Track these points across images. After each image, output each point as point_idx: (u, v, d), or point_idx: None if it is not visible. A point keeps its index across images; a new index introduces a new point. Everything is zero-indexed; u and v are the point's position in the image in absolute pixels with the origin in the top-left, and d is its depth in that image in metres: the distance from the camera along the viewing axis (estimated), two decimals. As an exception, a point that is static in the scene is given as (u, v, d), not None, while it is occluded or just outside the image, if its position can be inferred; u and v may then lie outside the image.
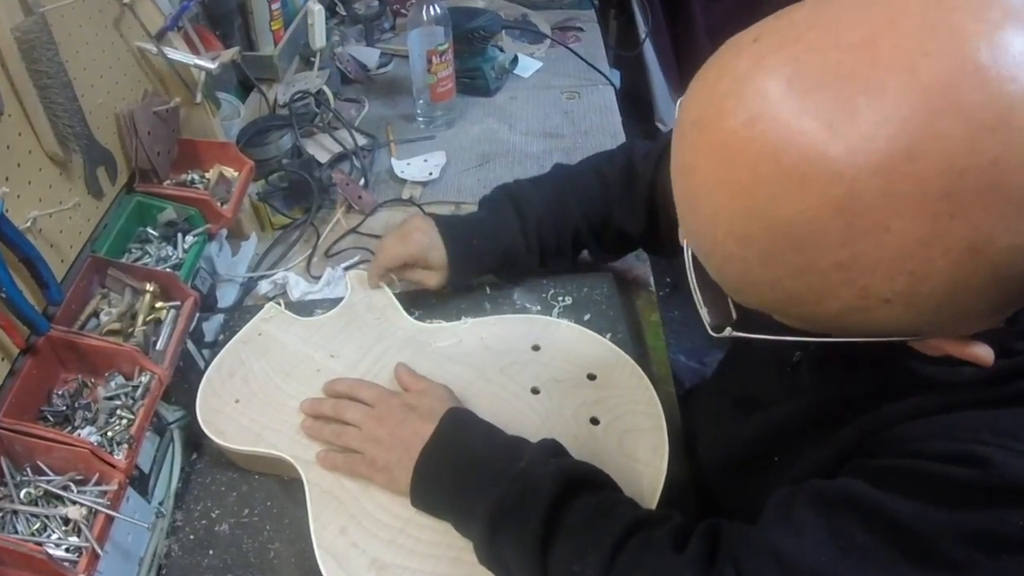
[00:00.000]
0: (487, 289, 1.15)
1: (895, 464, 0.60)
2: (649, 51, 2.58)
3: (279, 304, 1.09)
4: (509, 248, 1.08)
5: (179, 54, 1.10)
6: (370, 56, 1.83)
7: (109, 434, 0.84)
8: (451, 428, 0.84)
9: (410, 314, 1.08)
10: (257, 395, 0.97)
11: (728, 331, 0.60)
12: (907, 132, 0.42)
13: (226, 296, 1.20)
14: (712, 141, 0.49)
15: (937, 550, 0.55)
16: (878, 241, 0.45)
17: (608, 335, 1.04)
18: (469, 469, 0.81)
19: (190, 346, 1.04)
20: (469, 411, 0.88)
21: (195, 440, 0.99)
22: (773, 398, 0.82)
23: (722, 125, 0.48)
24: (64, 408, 0.86)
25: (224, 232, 1.19)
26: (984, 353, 0.54)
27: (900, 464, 0.60)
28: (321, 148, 1.45)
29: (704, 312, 0.61)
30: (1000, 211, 0.42)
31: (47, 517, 0.77)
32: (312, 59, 1.59)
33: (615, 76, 1.81)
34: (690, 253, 0.59)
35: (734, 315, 0.61)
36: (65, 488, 0.79)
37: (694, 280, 0.60)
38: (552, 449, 0.82)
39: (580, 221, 1.09)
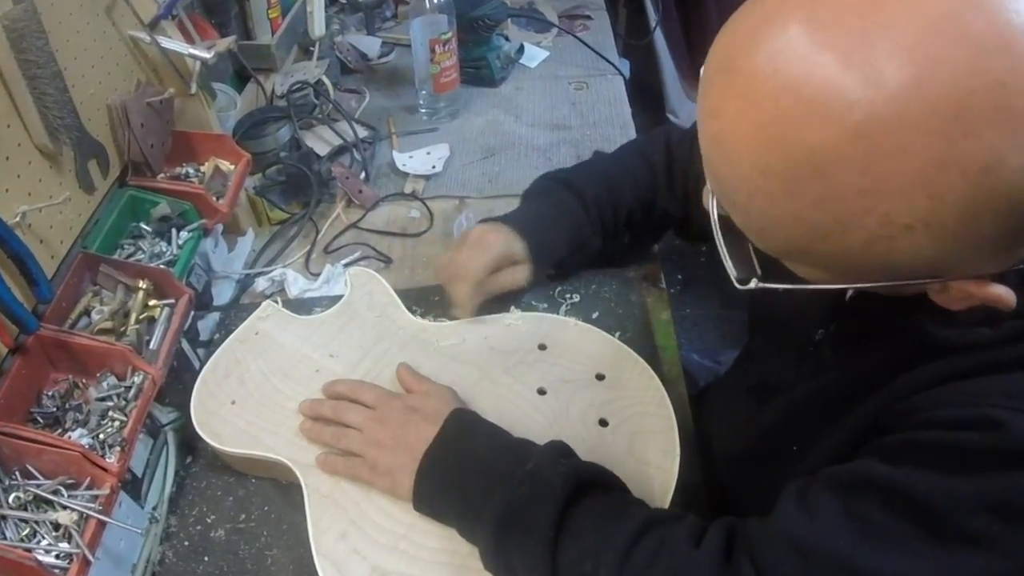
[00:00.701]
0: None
1: (908, 437, 0.62)
2: (660, 40, 2.57)
3: (276, 302, 1.09)
4: (575, 230, 1.07)
5: (173, 43, 1.09)
6: (371, 45, 1.83)
7: (101, 436, 0.84)
8: (455, 430, 0.84)
9: (412, 312, 1.08)
10: (254, 396, 0.96)
11: (754, 283, 0.63)
12: (916, 59, 0.46)
13: (222, 294, 1.20)
14: (737, 80, 0.53)
15: (954, 523, 0.57)
16: (897, 165, 0.48)
17: (617, 334, 1.04)
18: (474, 472, 0.80)
19: (185, 345, 1.04)
20: (474, 412, 0.88)
21: (190, 443, 0.98)
22: (792, 381, 0.83)
23: (746, 64, 0.52)
24: (54, 410, 0.86)
25: (220, 227, 1.19)
26: (1006, 294, 0.56)
27: (913, 436, 0.62)
28: (320, 140, 1.45)
29: (729, 264, 0.63)
30: (1011, 130, 0.46)
31: (37, 522, 0.77)
32: (311, 48, 1.58)
33: (624, 66, 1.80)
34: (715, 207, 0.62)
35: (758, 270, 0.63)
36: (55, 492, 0.78)
37: (719, 234, 0.63)
38: (560, 450, 0.82)
39: (633, 202, 1.09)
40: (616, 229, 1.10)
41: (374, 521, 0.84)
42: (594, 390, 0.96)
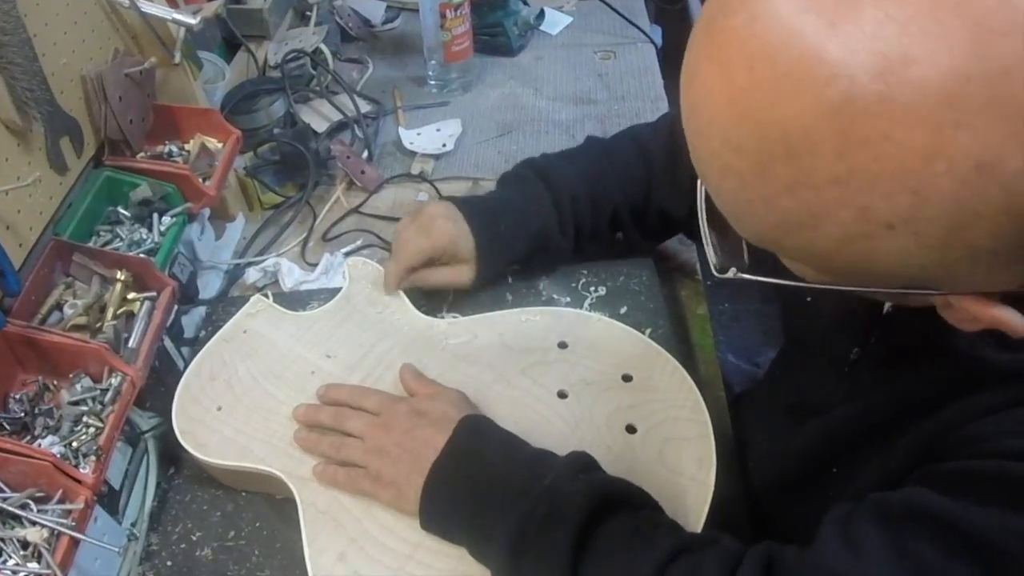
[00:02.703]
0: (508, 278, 1.13)
1: (967, 467, 0.61)
2: (695, 4, 2.56)
3: (267, 296, 1.08)
4: (541, 231, 1.06)
5: (155, 7, 1.09)
6: (375, 10, 1.82)
7: (74, 444, 0.84)
8: (466, 438, 0.83)
9: (417, 307, 1.07)
10: (242, 402, 0.96)
11: (732, 272, 0.62)
12: (910, 33, 0.44)
13: (209, 286, 1.20)
14: (714, 43, 0.52)
15: (1020, 565, 0.55)
16: (877, 152, 0.46)
17: (647, 331, 1.03)
18: (487, 486, 0.80)
19: (167, 343, 1.03)
20: (486, 418, 0.87)
21: (173, 452, 0.98)
22: (830, 403, 0.82)
23: (725, 25, 0.51)
24: (22, 414, 0.86)
25: (206, 212, 1.19)
26: (1012, 319, 0.53)
27: (973, 467, 0.61)
28: (318, 116, 1.44)
29: (710, 250, 0.63)
30: (1011, 127, 0.43)
31: (3, 540, 0.76)
32: (308, 13, 1.58)
33: (656, 33, 1.79)
34: (701, 188, 0.62)
35: (746, 260, 0.63)
36: (23, 507, 0.78)
37: (704, 216, 0.63)
38: (582, 463, 0.81)
39: (620, 200, 1.08)
40: (596, 231, 1.10)
41: (376, 540, 0.83)
42: (621, 393, 0.95)
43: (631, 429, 0.91)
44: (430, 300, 1.11)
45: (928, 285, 0.53)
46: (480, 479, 0.81)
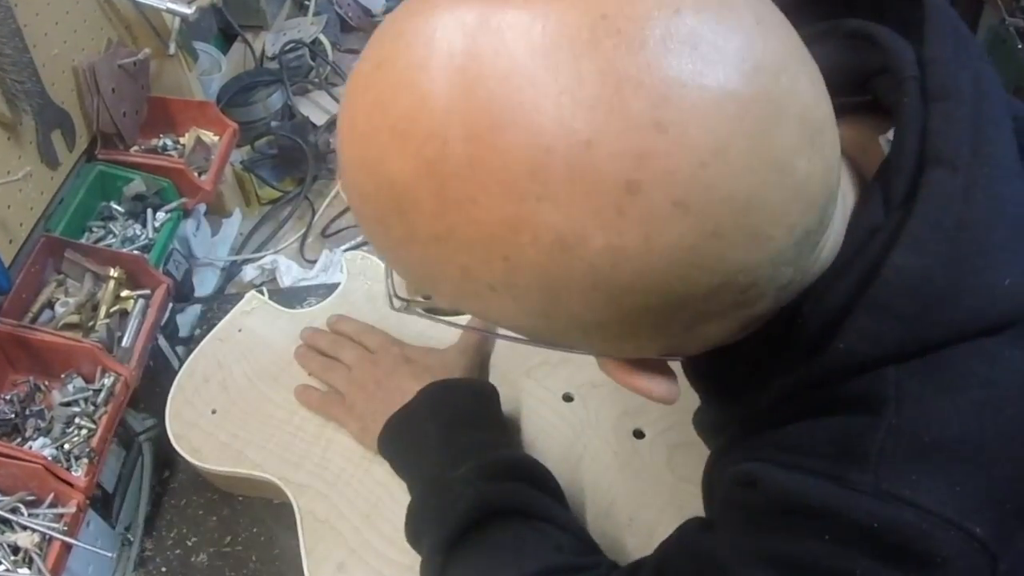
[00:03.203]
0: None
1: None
2: None
3: (262, 293, 1.07)
4: None
5: (149, -4, 1.08)
6: (375, -1, 1.81)
7: (66, 447, 0.84)
8: (423, 401, 0.86)
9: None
10: (238, 404, 0.95)
11: (397, 303, 0.66)
12: (498, 98, 0.43)
13: (205, 283, 1.20)
14: (350, 86, 0.51)
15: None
16: (468, 216, 0.45)
17: (655, 331, 1.02)
18: (416, 456, 0.84)
19: (162, 343, 1.03)
20: (464, 386, 0.89)
21: (167, 454, 0.97)
22: None
23: (358, 69, 0.50)
24: (13, 416, 0.86)
25: (202, 208, 1.19)
26: (651, 387, 0.55)
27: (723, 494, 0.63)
28: (317, 108, 1.44)
29: (389, 281, 0.66)
30: (594, 203, 0.42)
31: (-8, 545, 0.76)
32: (306, 2, 1.57)
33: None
34: None
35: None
36: (14, 511, 0.78)
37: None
38: (505, 467, 0.81)
39: None
40: None
41: (377, 551, 0.83)
42: (628, 396, 0.93)
43: (639, 434, 0.91)
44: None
45: (551, 343, 0.54)
46: (413, 447, 0.85)
